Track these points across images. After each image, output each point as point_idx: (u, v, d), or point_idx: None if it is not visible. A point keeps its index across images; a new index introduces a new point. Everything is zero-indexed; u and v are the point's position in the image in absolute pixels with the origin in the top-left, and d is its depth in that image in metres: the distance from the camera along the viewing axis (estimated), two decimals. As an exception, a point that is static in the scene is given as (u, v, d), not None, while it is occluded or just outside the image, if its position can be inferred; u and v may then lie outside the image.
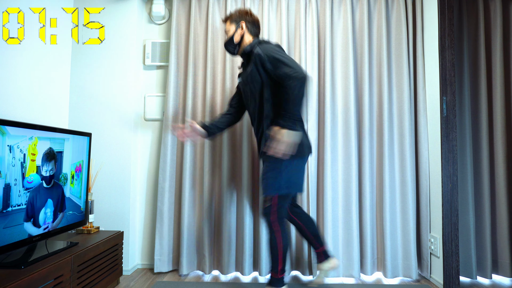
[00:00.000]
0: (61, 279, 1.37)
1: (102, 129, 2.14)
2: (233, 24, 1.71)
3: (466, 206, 1.96)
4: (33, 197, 1.43)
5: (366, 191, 2.07)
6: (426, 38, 2.12)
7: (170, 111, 2.15)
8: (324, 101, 2.12)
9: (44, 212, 1.50)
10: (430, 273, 2.03)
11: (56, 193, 1.59)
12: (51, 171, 1.54)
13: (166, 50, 2.26)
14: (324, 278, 1.78)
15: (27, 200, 1.40)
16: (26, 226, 1.39)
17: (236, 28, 1.70)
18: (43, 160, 1.49)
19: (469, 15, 2.10)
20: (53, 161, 1.55)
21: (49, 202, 1.53)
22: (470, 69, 2.07)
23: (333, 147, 2.10)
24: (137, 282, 1.97)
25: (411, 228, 2.03)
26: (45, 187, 1.51)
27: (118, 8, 2.18)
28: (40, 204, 1.48)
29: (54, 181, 1.57)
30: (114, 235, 1.83)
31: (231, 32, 1.71)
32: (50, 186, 1.54)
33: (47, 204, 1.52)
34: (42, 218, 1.50)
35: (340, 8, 2.19)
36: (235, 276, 2.09)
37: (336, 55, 2.15)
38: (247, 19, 1.71)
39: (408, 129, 2.08)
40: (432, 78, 2.04)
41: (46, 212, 1.52)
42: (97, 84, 2.16)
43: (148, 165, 2.26)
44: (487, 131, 2.01)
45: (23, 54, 1.76)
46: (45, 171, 1.51)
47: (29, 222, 1.41)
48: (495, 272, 2.02)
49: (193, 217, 2.11)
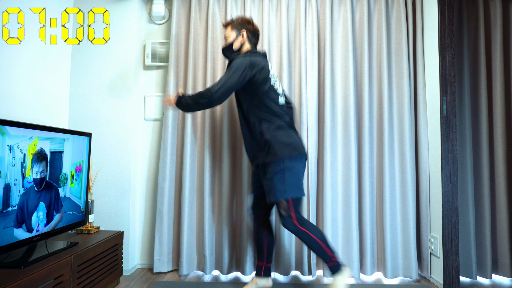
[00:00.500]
0: (61, 279, 1.37)
1: (102, 129, 2.14)
2: (234, 31, 1.74)
3: (466, 206, 1.96)
4: (23, 202, 1.37)
5: (366, 191, 2.07)
6: (426, 38, 2.12)
7: (170, 111, 2.15)
8: (324, 101, 2.12)
9: (36, 215, 1.44)
10: (430, 273, 2.03)
11: (48, 195, 1.53)
12: (42, 173, 1.48)
13: (166, 50, 2.26)
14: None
15: (17, 204, 1.33)
16: (16, 232, 1.33)
17: (237, 36, 1.73)
18: (33, 161, 1.42)
19: (469, 15, 2.10)
20: (44, 162, 1.49)
21: (41, 205, 1.48)
22: (470, 69, 2.07)
23: (332, 147, 2.10)
24: (137, 282, 1.97)
25: (411, 228, 2.03)
26: (36, 191, 1.45)
27: (118, 8, 2.18)
28: (31, 208, 1.41)
29: (47, 181, 1.52)
30: (114, 235, 1.84)
31: (231, 38, 1.74)
32: (41, 189, 1.48)
33: (39, 208, 1.46)
34: (35, 222, 1.44)
35: (340, 8, 2.19)
36: (235, 276, 2.09)
37: (336, 55, 2.15)
38: (249, 28, 1.74)
39: (408, 129, 2.08)
40: (432, 78, 2.04)
41: (39, 215, 1.46)
42: (97, 84, 2.16)
43: (148, 165, 2.27)
44: (487, 131, 2.01)
45: (23, 54, 1.76)
46: (36, 173, 1.44)
47: (19, 228, 1.35)
48: (495, 272, 2.02)
49: (193, 217, 2.11)
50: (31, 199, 1.43)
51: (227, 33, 1.76)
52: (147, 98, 2.27)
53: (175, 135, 2.16)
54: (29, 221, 1.42)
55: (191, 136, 2.12)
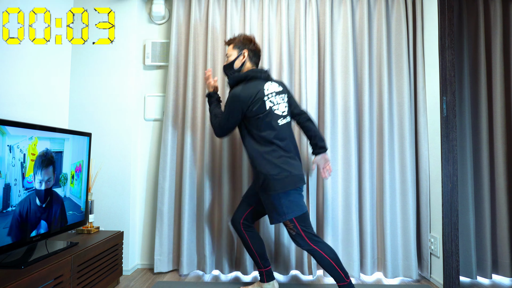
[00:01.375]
0: (61, 279, 1.37)
1: (102, 129, 2.14)
2: (236, 50, 1.72)
3: (466, 206, 1.96)
4: (20, 212, 1.11)
5: (366, 191, 2.07)
6: (426, 38, 2.12)
7: (170, 111, 2.15)
8: (324, 101, 2.12)
9: (36, 233, 1.26)
10: (430, 273, 2.03)
11: (53, 211, 1.30)
12: (48, 183, 1.20)
13: (166, 50, 2.26)
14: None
15: (14, 216, 1.10)
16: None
17: (238, 55, 1.71)
18: (36, 166, 1.16)
19: (469, 15, 2.10)
20: (51, 167, 1.27)
21: (42, 224, 1.24)
22: (470, 69, 2.07)
23: (333, 147, 2.10)
24: (137, 282, 1.97)
25: (411, 228, 2.03)
26: (38, 206, 1.18)
27: (118, 8, 2.18)
28: (30, 225, 1.20)
29: (53, 191, 1.23)
30: (114, 235, 1.83)
31: (233, 57, 1.72)
32: (45, 205, 1.20)
33: (39, 226, 1.24)
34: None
35: (340, 8, 2.19)
36: (235, 276, 2.09)
37: (336, 55, 2.15)
38: (250, 47, 1.72)
39: (408, 129, 2.08)
40: (432, 78, 2.04)
41: (39, 232, 1.27)
42: (97, 84, 2.16)
43: (148, 165, 2.26)
44: (487, 131, 2.01)
45: (24, 55, 1.76)
46: (39, 182, 1.16)
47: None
48: (495, 272, 2.02)
49: (193, 217, 2.11)
50: (31, 214, 1.18)
51: (228, 52, 1.74)
52: (147, 98, 2.27)
53: (175, 135, 2.16)
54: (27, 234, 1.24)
55: (191, 136, 2.12)
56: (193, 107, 2.15)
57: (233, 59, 1.72)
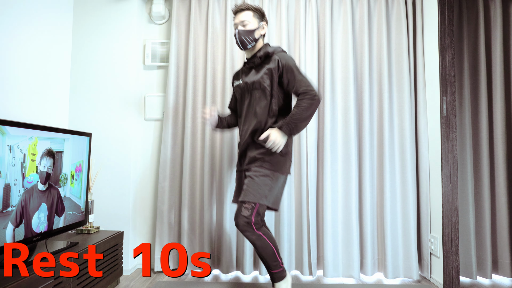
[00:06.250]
0: (61, 279, 1.37)
1: (102, 129, 2.14)
2: (256, 19, 1.60)
3: (466, 206, 1.96)
4: (25, 200, 1.34)
5: (366, 191, 2.07)
6: (426, 38, 2.12)
7: (170, 111, 2.15)
8: (324, 101, 2.12)
9: (37, 217, 1.42)
10: (431, 273, 2.03)
11: (51, 198, 1.51)
12: (49, 168, 1.48)
13: (166, 50, 2.26)
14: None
15: (18, 203, 1.29)
16: (8, 232, 1.26)
17: (258, 25, 1.61)
18: (42, 156, 1.44)
19: (469, 15, 2.10)
20: (52, 159, 1.51)
21: (43, 206, 1.45)
22: (470, 69, 2.07)
23: (332, 147, 2.10)
24: (137, 282, 1.97)
25: (411, 228, 2.03)
26: (39, 190, 1.42)
27: (118, 8, 2.18)
28: (33, 209, 1.39)
29: (49, 183, 1.49)
30: (114, 235, 1.83)
31: (253, 26, 1.58)
32: (45, 189, 1.46)
33: (40, 208, 1.44)
34: (36, 224, 1.41)
35: (340, 8, 2.19)
36: (235, 276, 2.09)
37: (336, 55, 2.15)
38: (266, 22, 1.68)
39: (408, 129, 2.08)
40: (432, 78, 2.04)
41: (40, 217, 1.43)
42: (97, 84, 2.16)
43: (148, 165, 2.26)
44: (487, 131, 2.01)
45: (24, 54, 1.76)
46: (43, 166, 1.43)
47: (18, 228, 1.31)
48: (495, 272, 2.02)
49: (193, 217, 2.11)
50: (33, 199, 1.41)
51: (246, 18, 1.57)
52: (147, 98, 2.27)
53: (175, 135, 2.16)
54: (29, 223, 1.38)
55: (191, 136, 2.12)
56: (193, 107, 2.15)
57: (253, 28, 1.58)
